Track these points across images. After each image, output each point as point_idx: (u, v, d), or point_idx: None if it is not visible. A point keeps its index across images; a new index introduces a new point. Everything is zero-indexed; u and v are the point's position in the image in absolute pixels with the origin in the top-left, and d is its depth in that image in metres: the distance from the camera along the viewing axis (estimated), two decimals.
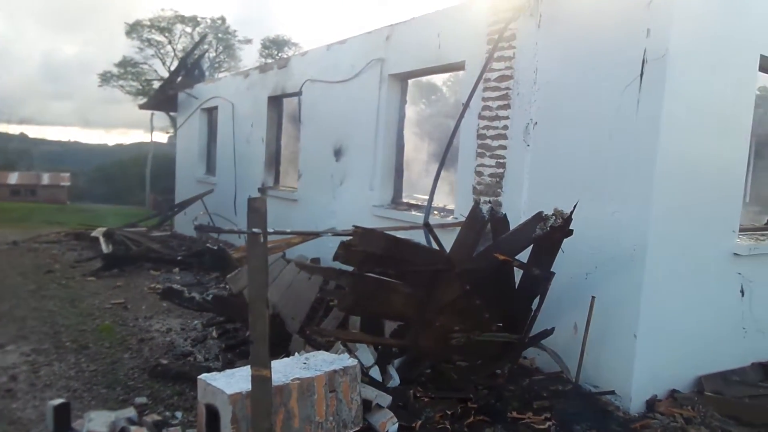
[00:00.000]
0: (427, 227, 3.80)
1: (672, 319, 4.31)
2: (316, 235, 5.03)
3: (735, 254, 4.66)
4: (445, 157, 4.94)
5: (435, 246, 3.99)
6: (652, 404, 4.22)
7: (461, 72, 5.75)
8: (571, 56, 4.58)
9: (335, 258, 3.60)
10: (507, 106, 5.13)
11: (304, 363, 3.60)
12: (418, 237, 5.03)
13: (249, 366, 3.04)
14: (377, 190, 6.89)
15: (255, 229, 3.00)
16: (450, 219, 5.67)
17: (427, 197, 7.85)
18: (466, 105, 5.20)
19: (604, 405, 4.14)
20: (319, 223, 7.84)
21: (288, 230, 5.19)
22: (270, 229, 3.04)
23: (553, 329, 4.23)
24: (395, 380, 4.28)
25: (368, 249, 3.62)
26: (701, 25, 4.09)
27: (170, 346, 5.20)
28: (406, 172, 7.10)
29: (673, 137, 4.04)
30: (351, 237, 3.61)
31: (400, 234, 4.24)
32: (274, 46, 35.60)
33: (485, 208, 3.86)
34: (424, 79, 8.83)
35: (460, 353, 4.62)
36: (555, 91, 4.72)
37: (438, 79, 12.59)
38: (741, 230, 4.89)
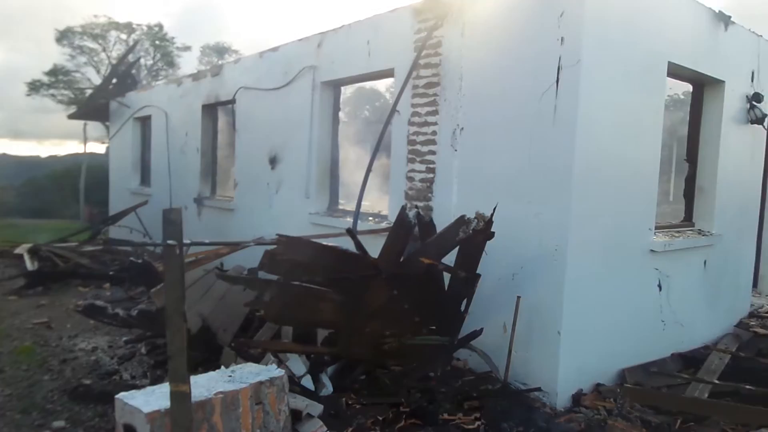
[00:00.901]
0: (350, 233, 3.80)
1: (594, 315, 4.48)
2: (236, 245, 4.93)
3: (652, 251, 4.90)
4: (372, 164, 4.97)
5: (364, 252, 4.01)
6: (577, 398, 4.36)
7: (392, 79, 5.81)
8: (493, 63, 4.71)
9: (260, 267, 3.56)
10: (435, 112, 5.22)
11: (230, 376, 3.52)
12: (350, 244, 5.04)
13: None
14: (313, 198, 6.85)
15: (170, 241, 2.92)
16: (384, 224, 5.70)
17: (367, 203, 7.90)
18: (392, 112, 5.26)
19: (531, 402, 4.25)
20: (256, 231, 7.69)
21: (207, 241, 5.08)
22: (187, 240, 2.97)
23: (481, 330, 4.31)
24: (328, 388, 4.25)
25: (294, 257, 3.59)
26: (612, 34, 4.28)
27: (95, 366, 4.98)
28: (348, 178, 7.09)
29: (589, 140, 4.21)
30: (276, 246, 3.57)
31: (330, 241, 4.23)
32: (214, 53, 34.85)
33: (412, 213, 3.91)
34: (367, 85, 8.85)
35: (394, 358, 4.64)
36: (479, 98, 4.84)
37: (381, 85, 12.68)
38: (657, 228, 5.15)
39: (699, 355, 5.37)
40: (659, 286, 5.08)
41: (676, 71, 5.07)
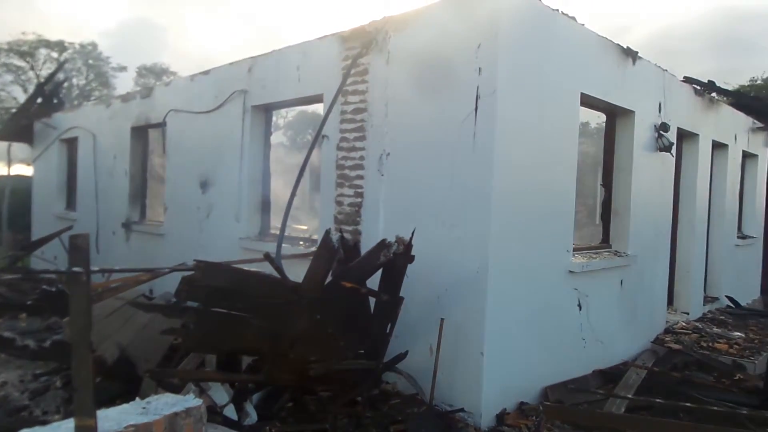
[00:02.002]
0: (267, 258, 3.78)
1: (517, 335, 4.61)
2: (152, 272, 4.79)
3: (570, 271, 5.11)
4: (296, 188, 4.97)
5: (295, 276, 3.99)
6: (501, 417, 4.45)
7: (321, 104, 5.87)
8: (417, 91, 4.84)
9: (176, 294, 3.47)
10: (363, 138, 5.30)
11: (144, 408, 3.38)
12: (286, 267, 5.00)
13: None
14: (244, 222, 6.77)
15: (76, 269, 2.82)
16: (313, 249, 5.69)
17: (305, 227, 7.85)
18: (317, 137, 5.31)
19: (456, 422, 4.30)
20: (186, 257, 7.47)
21: (117, 268, 4.92)
22: (94, 268, 2.87)
23: (406, 353, 4.35)
24: (252, 417, 4.16)
25: (213, 283, 3.52)
26: (526, 65, 4.51)
27: (2, 401, 4.68)
28: (284, 202, 7.01)
29: (507, 166, 4.38)
30: (194, 272, 3.50)
31: (255, 266, 4.18)
32: (151, 74, 34.09)
33: (335, 237, 3.92)
34: (310, 109, 8.89)
35: (321, 383, 4.60)
36: (404, 124, 4.95)
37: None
38: (576, 249, 5.38)
39: (618, 371, 5.60)
40: (579, 305, 5.29)
41: (589, 101, 5.38)
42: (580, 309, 5.30)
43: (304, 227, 7.89)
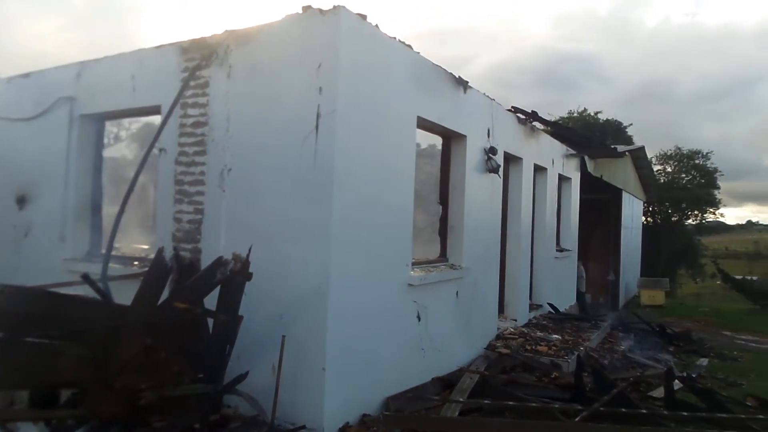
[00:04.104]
0: (86, 279, 3.48)
1: (359, 349, 4.72)
2: None
3: (410, 285, 5.37)
4: (125, 204, 4.66)
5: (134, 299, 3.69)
6: (344, 431, 4.50)
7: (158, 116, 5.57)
8: (260, 107, 4.81)
9: None
10: (203, 152, 5.12)
11: None
12: (116, 289, 4.62)
13: None
14: (70, 242, 6.15)
15: None
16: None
17: (146, 247, 7.31)
18: (149, 150, 5.05)
19: None
20: (1, 281, 6.62)
21: None
22: None
23: (247, 373, 4.24)
24: None
25: (19, 310, 3.15)
26: (365, 87, 4.70)
27: None
28: (126, 219, 6.46)
29: (347, 184, 4.51)
30: None
31: (75, 290, 3.81)
32: None
33: (169, 255, 3.72)
34: (157, 120, 8.29)
35: (154, 413, 4.29)
36: (247, 139, 4.88)
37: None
38: (415, 263, 5.68)
39: (455, 377, 5.97)
40: (418, 316, 5.57)
41: (425, 125, 5.75)
42: (419, 320, 5.59)
43: (145, 246, 7.38)
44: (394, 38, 5.09)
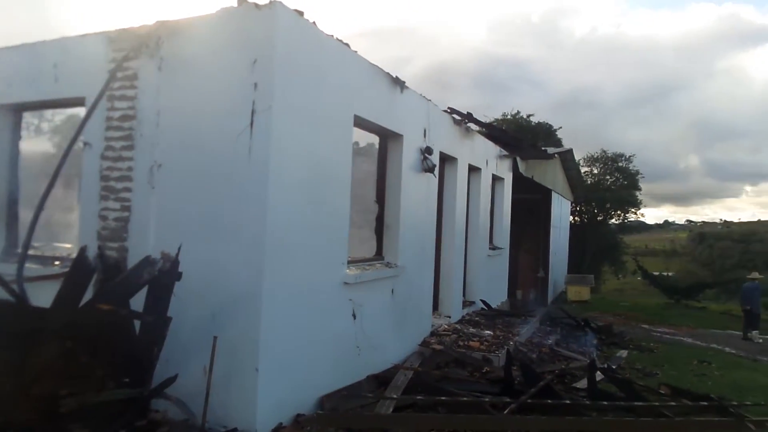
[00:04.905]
0: None
1: (293, 348, 4.68)
2: None
3: (345, 283, 5.37)
4: (44, 201, 4.41)
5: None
6: None
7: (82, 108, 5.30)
8: (192, 101, 4.67)
9: None
10: (131, 147, 4.92)
11: None
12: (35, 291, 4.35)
13: None
14: None
15: None
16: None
17: (68, 246, 6.92)
18: (71, 144, 4.79)
19: None
20: None
21: None
22: None
23: (176, 376, 4.11)
24: None
25: None
26: (302, 84, 4.66)
27: None
28: (46, 216, 6.07)
29: (283, 181, 4.46)
30: None
31: None
32: None
33: (92, 254, 3.56)
34: (82, 112, 7.81)
35: (76, 420, 4.09)
36: (178, 134, 4.73)
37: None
38: (351, 261, 5.69)
39: (389, 374, 6.03)
40: (354, 314, 5.59)
41: (362, 124, 5.77)
42: (355, 318, 5.61)
43: (67, 245, 6.99)
44: (332, 36, 5.08)
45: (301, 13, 4.62)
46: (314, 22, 4.81)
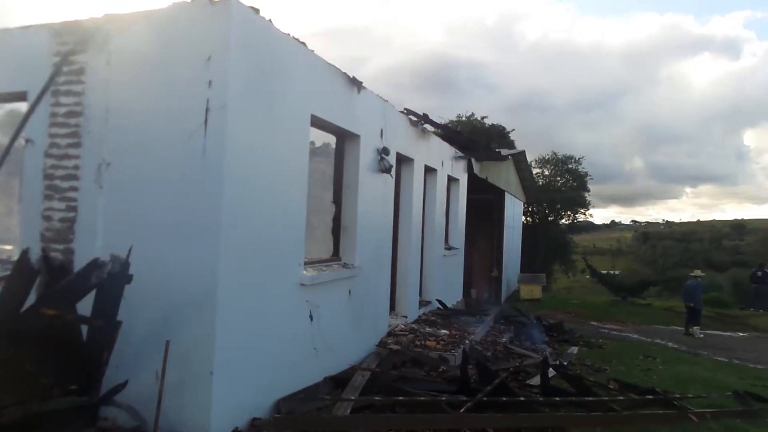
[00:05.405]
0: None
1: (249, 351, 4.60)
2: None
3: (302, 284, 5.32)
4: None
5: None
6: None
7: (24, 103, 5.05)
8: (144, 98, 4.53)
9: None
10: (78, 145, 4.73)
11: None
12: None
13: None
14: None
15: None
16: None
17: (9, 248, 6.58)
18: (12, 141, 4.58)
19: None
20: None
21: None
22: None
23: (126, 382, 3.98)
24: None
25: None
26: (258, 83, 4.59)
27: None
28: None
29: (238, 181, 4.37)
30: None
31: None
32: None
33: (35, 256, 3.40)
34: (25, 107, 7.44)
35: (20, 431, 3.90)
36: (128, 132, 4.57)
37: None
38: (308, 263, 5.64)
39: (347, 375, 6.01)
40: (311, 316, 5.54)
41: (319, 123, 5.73)
42: (312, 320, 5.56)
43: (8, 247, 6.66)
44: (288, 34, 5.02)
45: (257, 11, 4.55)
46: (270, 20, 4.75)
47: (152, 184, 4.45)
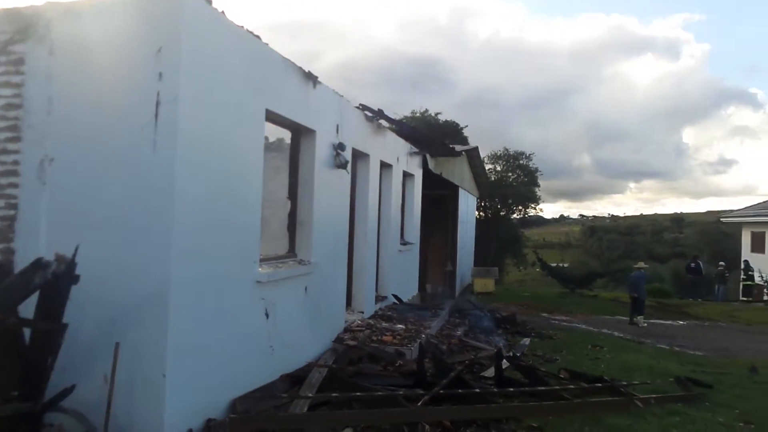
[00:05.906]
0: None
1: (203, 351, 4.50)
2: None
3: (257, 282, 5.24)
4: None
5: None
6: None
7: None
8: (90, 90, 4.34)
9: None
10: (17, 139, 4.49)
11: None
12: None
13: None
14: None
15: None
16: None
17: None
18: None
19: None
20: None
21: None
22: None
23: (73, 387, 3.83)
24: None
25: None
26: (210, 75, 4.47)
27: None
28: None
29: (190, 176, 4.26)
30: None
31: None
32: None
33: None
34: None
35: None
36: (74, 126, 4.38)
37: None
38: (264, 260, 5.55)
39: (304, 372, 5.97)
40: (266, 314, 5.46)
41: (275, 118, 5.65)
42: (268, 317, 5.49)
43: None
44: (242, 27, 4.91)
45: (209, 1, 4.43)
46: (223, 12, 4.64)
47: (99, 179, 4.28)
